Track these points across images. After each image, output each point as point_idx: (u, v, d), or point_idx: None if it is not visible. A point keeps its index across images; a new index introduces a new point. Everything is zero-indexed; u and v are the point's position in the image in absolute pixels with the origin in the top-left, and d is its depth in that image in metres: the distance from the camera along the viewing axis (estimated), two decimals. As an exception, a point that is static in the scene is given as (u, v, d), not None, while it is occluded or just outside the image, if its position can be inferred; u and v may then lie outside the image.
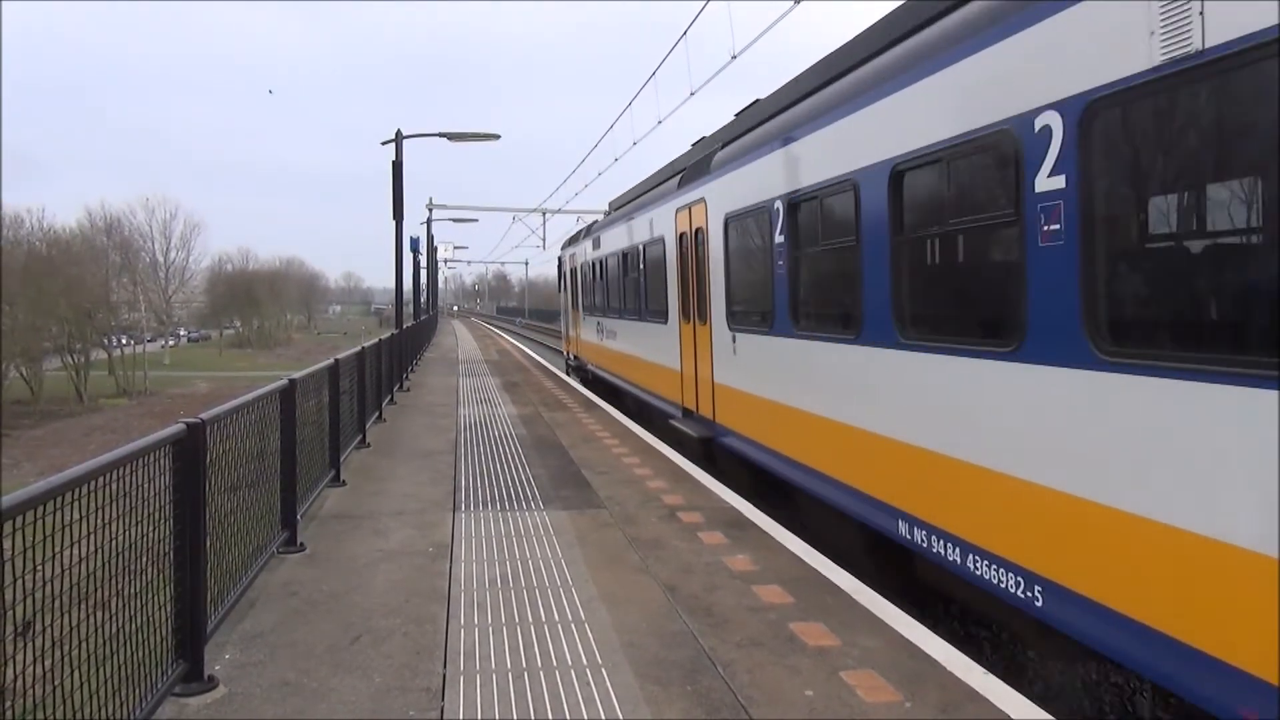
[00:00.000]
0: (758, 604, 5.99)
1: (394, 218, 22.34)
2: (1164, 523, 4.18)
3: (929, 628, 5.62)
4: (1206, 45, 3.88)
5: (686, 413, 13.24)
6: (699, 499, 9.10)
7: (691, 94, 18.44)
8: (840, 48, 8.53)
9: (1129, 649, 4.42)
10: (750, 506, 8.83)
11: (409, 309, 30.36)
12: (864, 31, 8.07)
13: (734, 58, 15.18)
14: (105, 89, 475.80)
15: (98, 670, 3.72)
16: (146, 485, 4.28)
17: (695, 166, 12.96)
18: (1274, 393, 3.61)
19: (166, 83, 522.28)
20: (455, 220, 50.34)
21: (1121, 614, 4.44)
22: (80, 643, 3.60)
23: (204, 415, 5.01)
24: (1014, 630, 6.09)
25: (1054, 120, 4.86)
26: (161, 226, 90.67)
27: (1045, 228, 4.97)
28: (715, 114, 13.88)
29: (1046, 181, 4.93)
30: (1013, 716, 4.39)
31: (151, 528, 4.39)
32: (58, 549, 3.42)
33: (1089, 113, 4.62)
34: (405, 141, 22.58)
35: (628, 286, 17.57)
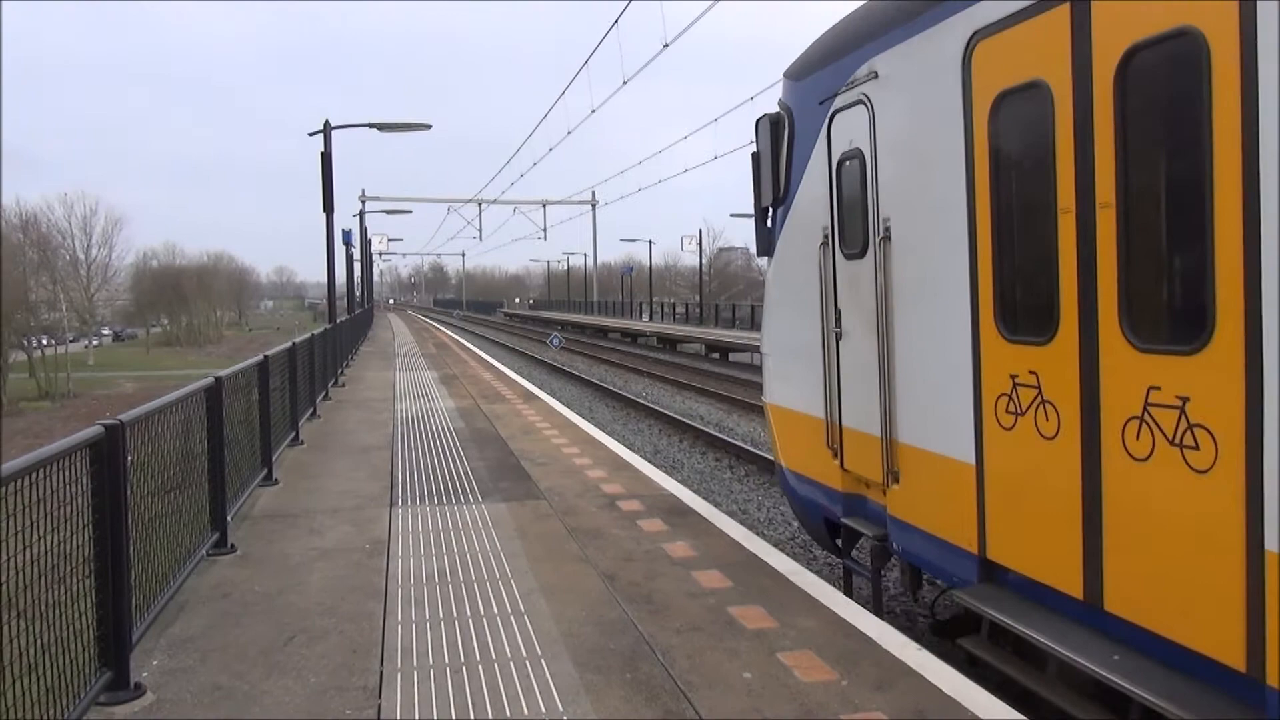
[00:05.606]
0: (697, 589, 6.03)
1: (324, 210, 21.95)
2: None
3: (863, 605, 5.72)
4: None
5: None
6: (639, 487, 9.12)
7: (624, 83, 18.45)
8: None
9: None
10: (690, 494, 8.88)
11: (344, 303, 29.85)
12: None
13: (666, 46, 15.20)
14: (13, 80, 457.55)
15: (15, 682, 3.59)
16: (64, 490, 4.14)
17: None
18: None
19: (81, 74, 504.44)
20: (389, 212, 49.65)
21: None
22: (-5, 654, 3.47)
23: (123, 416, 4.85)
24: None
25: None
26: (81, 223, 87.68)
27: None
28: (650, 103, 13.83)
29: None
30: (944, 690, 4.50)
31: (71, 533, 4.25)
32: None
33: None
34: (335, 133, 22.17)
35: None
